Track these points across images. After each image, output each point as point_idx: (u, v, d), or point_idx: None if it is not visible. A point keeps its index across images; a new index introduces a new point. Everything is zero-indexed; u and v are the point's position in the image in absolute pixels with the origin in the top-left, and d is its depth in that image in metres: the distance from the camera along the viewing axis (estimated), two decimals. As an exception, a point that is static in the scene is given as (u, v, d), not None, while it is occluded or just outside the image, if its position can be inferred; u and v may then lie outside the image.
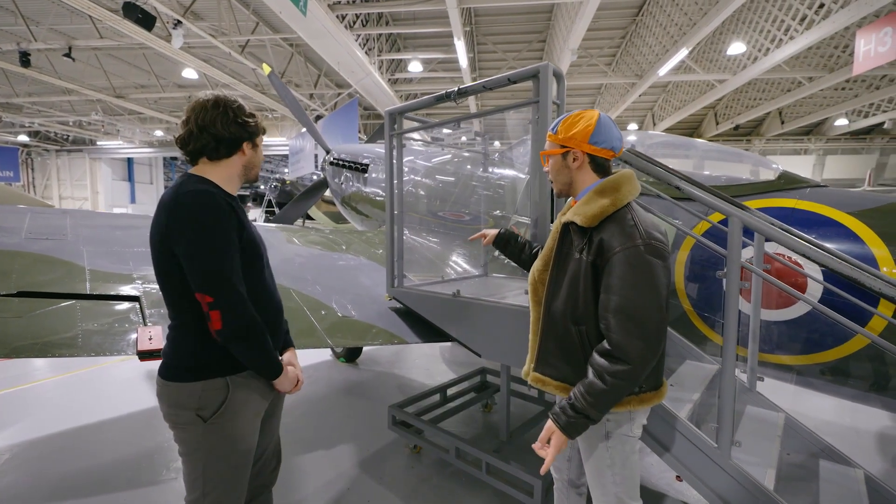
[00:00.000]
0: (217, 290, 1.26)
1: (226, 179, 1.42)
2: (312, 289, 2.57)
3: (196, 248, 1.25)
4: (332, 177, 5.72)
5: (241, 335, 1.30)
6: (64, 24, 9.59)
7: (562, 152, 1.39)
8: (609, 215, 1.29)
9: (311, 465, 2.80)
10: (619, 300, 1.21)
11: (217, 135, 1.37)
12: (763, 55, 9.03)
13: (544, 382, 1.42)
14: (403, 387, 4.16)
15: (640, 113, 16.79)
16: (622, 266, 1.22)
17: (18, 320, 1.64)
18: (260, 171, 1.56)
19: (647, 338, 1.21)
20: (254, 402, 1.42)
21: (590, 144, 1.36)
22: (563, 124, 1.39)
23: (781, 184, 2.46)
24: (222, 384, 1.34)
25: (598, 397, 1.22)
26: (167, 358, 1.38)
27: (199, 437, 1.34)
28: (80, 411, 3.52)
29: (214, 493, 1.37)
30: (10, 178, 18.06)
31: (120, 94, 13.73)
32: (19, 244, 2.13)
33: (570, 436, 1.26)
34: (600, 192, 1.33)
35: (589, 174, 1.39)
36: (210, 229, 1.26)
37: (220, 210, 1.29)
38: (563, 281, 1.35)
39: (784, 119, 15.68)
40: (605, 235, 1.26)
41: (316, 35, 8.22)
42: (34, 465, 2.82)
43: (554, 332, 1.38)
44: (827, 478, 1.91)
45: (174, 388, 1.34)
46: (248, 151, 1.45)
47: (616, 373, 1.20)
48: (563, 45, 9.00)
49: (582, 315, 1.31)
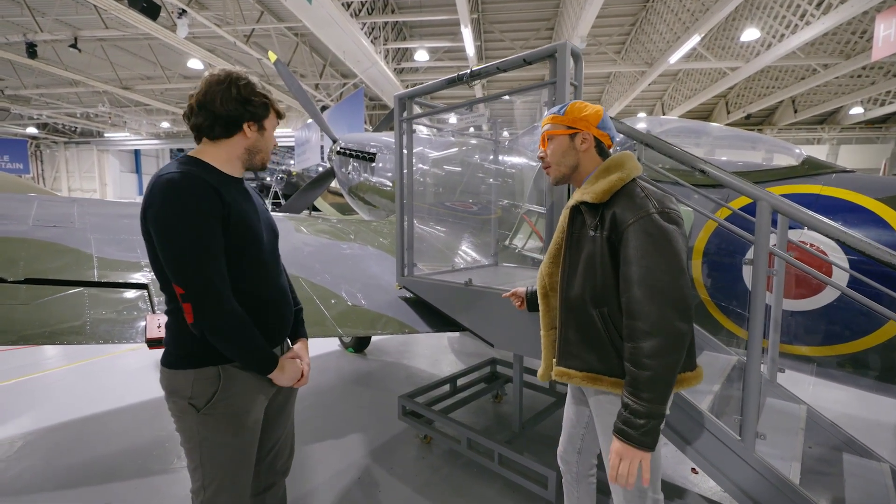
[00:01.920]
0: (187, 282, 1.17)
1: (225, 162, 1.33)
2: (322, 278, 2.54)
3: (166, 236, 1.17)
4: (338, 166, 5.67)
5: (214, 330, 1.22)
6: (69, 15, 9.54)
7: (570, 133, 1.37)
8: (618, 190, 1.27)
9: (321, 455, 2.78)
10: (641, 270, 1.16)
11: (215, 112, 1.26)
12: (777, 41, 8.81)
13: (570, 375, 1.35)
14: (412, 377, 4.14)
15: (649, 102, 16.53)
16: (638, 236, 1.18)
17: (26, 307, 1.61)
18: (269, 158, 1.45)
19: (676, 304, 1.14)
20: (251, 392, 1.35)
21: (598, 128, 1.36)
22: (572, 107, 1.38)
23: (805, 169, 2.37)
24: (214, 373, 1.28)
25: (651, 388, 1.12)
26: (165, 344, 1.34)
27: (194, 427, 1.30)
28: (91, 400, 3.53)
29: (214, 483, 1.33)
30: (20, 170, 18.21)
31: (126, 86, 13.71)
32: (27, 232, 2.10)
33: (650, 447, 1.14)
34: (606, 170, 1.32)
35: (594, 158, 1.38)
36: (181, 215, 1.16)
37: (195, 194, 1.17)
38: (578, 265, 1.32)
39: (797, 108, 15.37)
40: (618, 209, 1.24)
41: (321, 23, 8.11)
42: (47, 452, 2.83)
43: (574, 320, 1.33)
44: (852, 471, 1.85)
45: (169, 375, 1.30)
46: (252, 134, 1.33)
47: (654, 350, 1.12)
48: (572, 32, 8.82)
49: (601, 296, 1.27)
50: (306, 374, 1.47)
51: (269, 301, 1.39)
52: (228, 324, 1.23)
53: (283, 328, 1.47)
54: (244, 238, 1.29)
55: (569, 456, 1.64)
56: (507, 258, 3.26)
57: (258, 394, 1.38)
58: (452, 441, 2.67)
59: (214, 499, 1.33)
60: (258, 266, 1.35)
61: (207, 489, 1.32)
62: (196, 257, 1.17)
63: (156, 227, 1.17)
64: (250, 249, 1.32)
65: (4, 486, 2.47)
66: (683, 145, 3.01)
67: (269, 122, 1.37)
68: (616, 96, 14.39)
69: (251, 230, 1.32)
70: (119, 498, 2.34)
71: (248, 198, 1.38)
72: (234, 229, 1.25)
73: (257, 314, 1.32)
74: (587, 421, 1.56)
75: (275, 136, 1.44)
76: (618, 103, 14.08)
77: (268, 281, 1.39)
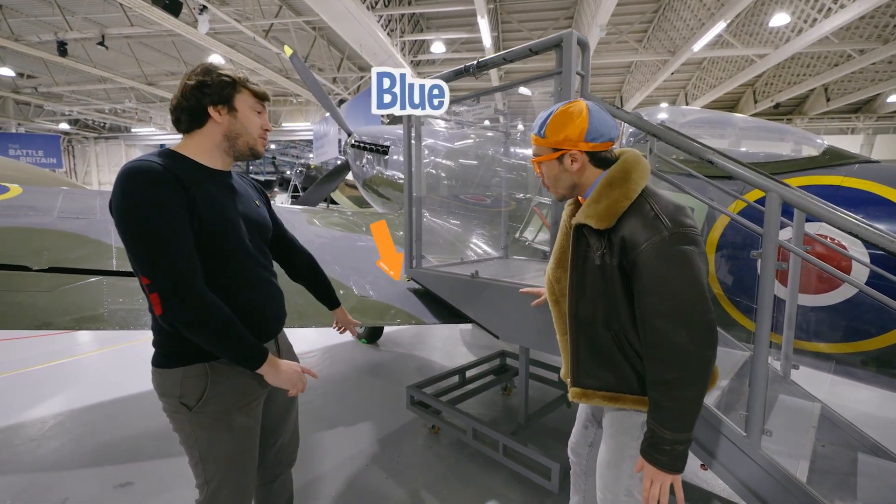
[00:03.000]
0: (150, 270, 1.11)
1: (202, 153, 1.27)
2: (331, 269, 2.57)
3: (126, 225, 1.12)
4: (353, 159, 5.72)
5: (186, 319, 1.13)
6: (97, 13, 9.85)
7: (556, 156, 1.22)
8: (625, 210, 1.14)
9: (331, 442, 2.85)
10: (660, 300, 1.07)
11: (179, 105, 1.24)
12: (809, 26, 8.41)
13: (588, 396, 1.28)
14: (423, 368, 4.18)
15: (672, 92, 16.07)
16: (653, 262, 1.08)
17: (49, 294, 1.70)
18: (263, 145, 1.35)
19: (701, 332, 1.06)
20: (244, 388, 1.30)
21: (587, 142, 1.19)
22: (551, 125, 1.21)
23: (826, 160, 2.29)
24: (202, 371, 1.24)
25: (679, 419, 1.08)
26: (153, 342, 1.29)
27: (188, 426, 1.26)
28: (117, 384, 3.70)
29: (216, 479, 1.31)
30: (54, 164, 18.91)
31: (151, 82, 14.10)
32: (51, 223, 2.20)
33: (679, 470, 1.11)
34: (609, 186, 1.18)
35: (592, 171, 1.23)
36: (135, 203, 1.10)
37: (151, 182, 1.11)
38: (585, 287, 1.22)
39: (830, 96, 14.67)
40: (626, 232, 1.12)
41: (338, 17, 8.16)
42: (76, 432, 2.99)
43: (586, 340, 1.26)
44: (867, 472, 1.80)
45: (157, 375, 1.27)
46: (223, 117, 1.25)
47: (681, 382, 1.06)
48: (592, 21, 8.63)
49: (613, 317, 1.19)
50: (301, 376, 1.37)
51: (249, 297, 1.31)
52: (200, 311, 1.14)
53: (266, 325, 1.38)
54: (215, 230, 1.22)
55: (580, 448, 1.61)
56: (519, 251, 3.25)
57: (253, 388, 1.33)
58: (459, 431, 2.70)
59: (217, 493, 1.31)
60: (234, 260, 1.28)
61: (210, 484, 1.31)
62: (157, 244, 1.11)
63: (115, 216, 1.13)
64: (223, 242, 1.25)
65: (36, 462, 2.62)
66: (704, 136, 2.93)
67: (240, 101, 1.27)
68: (637, 86, 14.02)
69: (223, 222, 1.24)
70: (139, 477, 2.47)
71: (228, 190, 1.32)
72: (202, 221, 1.18)
73: (237, 312, 1.23)
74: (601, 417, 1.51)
75: (261, 118, 1.33)
76: (639, 93, 13.72)
77: (246, 275, 1.31)
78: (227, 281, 1.25)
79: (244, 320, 1.25)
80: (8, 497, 2.29)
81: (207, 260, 1.20)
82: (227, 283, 1.25)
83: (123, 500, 2.29)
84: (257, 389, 1.36)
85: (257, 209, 1.43)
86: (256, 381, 1.33)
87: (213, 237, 1.22)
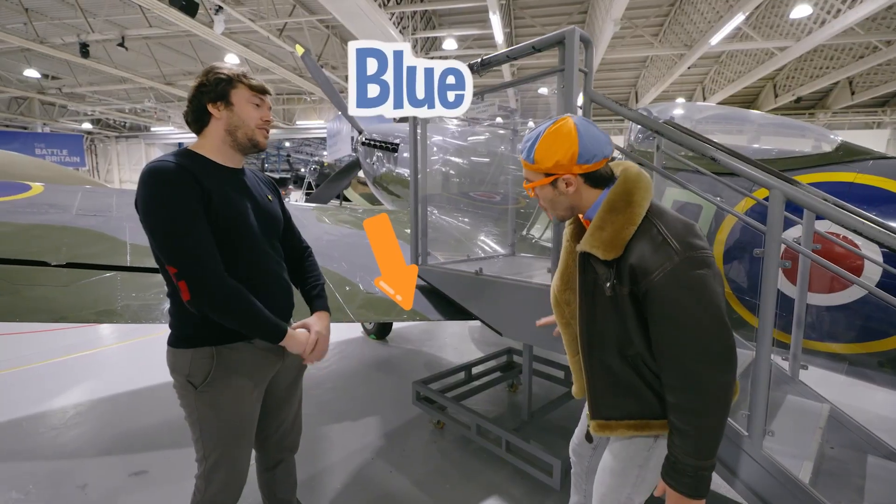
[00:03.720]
0: (177, 260, 1.22)
1: (214, 150, 1.38)
2: (338, 265, 2.62)
3: (151, 220, 1.24)
4: (364, 157, 5.77)
5: (213, 302, 1.25)
6: (117, 15, 10.09)
7: (549, 181, 1.16)
8: (632, 236, 1.08)
9: (338, 435, 2.91)
10: (674, 330, 1.03)
11: (187, 108, 1.36)
12: (833, 17, 8.15)
13: (611, 427, 1.22)
14: (431, 364, 4.22)
15: (688, 87, 15.74)
16: (667, 291, 1.03)
17: (66, 289, 1.77)
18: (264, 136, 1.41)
19: (720, 358, 1.02)
20: (245, 373, 1.40)
21: (580, 165, 1.12)
22: (540, 150, 1.14)
23: (840, 156, 2.23)
24: (209, 354, 1.34)
25: (702, 447, 1.04)
26: (169, 324, 1.41)
27: (192, 404, 1.37)
28: (136, 376, 3.82)
29: (212, 456, 1.41)
30: (77, 163, 19.47)
31: (169, 81, 14.38)
32: (70, 220, 2.29)
33: (703, 495, 1.07)
34: (611, 211, 1.11)
35: (590, 192, 1.16)
36: (159, 200, 1.22)
37: (170, 181, 1.23)
38: (596, 315, 1.18)
39: (855, 89, 14.20)
40: (635, 260, 1.06)
41: (350, 15, 8.19)
42: (94, 421, 3.10)
43: (601, 368, 1.20)
44: (876, 475, 1.77)
45: (171, 354, 1.38)
46: (221, 112, 1.34)
47: (703, 410, 1.03)
48: (606, 15, 8.50)
49: (629, 345, 1.14)
50: (321, 345, 1.47)
51: (261, 287, 1.39)
52: (225, 294, 1.25)
53: (278, 314, 1.44)
54: (228, 224, 1.32)
55: (583, 449, 1.58)
56: (527, 248, 3.25)
57: (254, 374, 1.43)
58: (463, 427, 2.72)
59: (214, 468, 1.42)
60: (246, 252, 1.37)
61: (208, 459, 1.42)
62: (183, 235, 1.22)
63: (140, 212, 1.25)
64: (235, 235, 1.34)
65: (58, 449, 2.74)
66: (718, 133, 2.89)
67: (236, 96, 1.35)
68: (653, 81, 13.77)
69: (236, 217, 1.34)
70: (155, 466, 2.55)
71: (241, 186, 1.41)
72: (216, 215, 1.28)
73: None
74: None
75: (260, 110, 1.39)
76: (654, 88, 13.48)
77: (258, 267, 1.41)
78: (238, 272, 1.33)
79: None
80: (31, 483, 2.40)
81: (221, 251, 1.30)
82: (239, 274, 1.33)
83: (138, 487, 2.38)
84: (260, 372, 1.45)
85: (269, 204, 1.52)
86: (259, 367, 1.43)
87: (227, 231, 1.32)
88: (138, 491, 2.35)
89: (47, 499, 2.28)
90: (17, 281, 1.73)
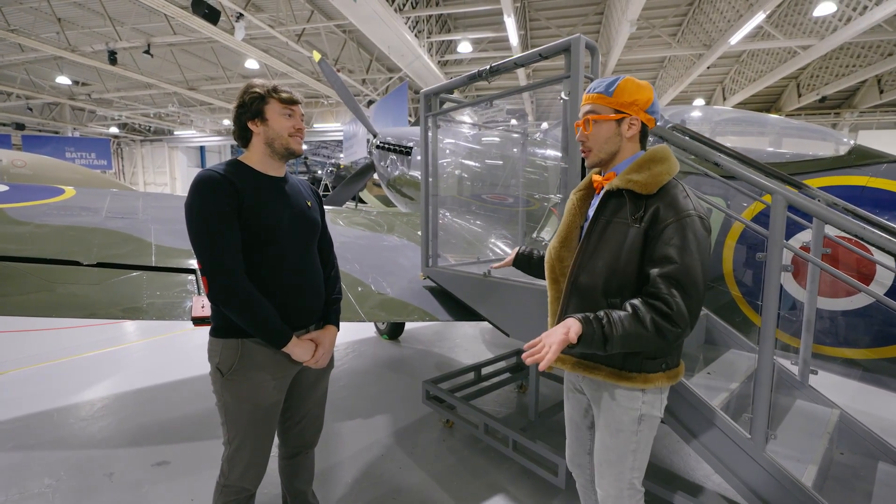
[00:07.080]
0: (202, 258, 1.39)
1: (258, 161, 1.52)
2: (351, 267, 2.70)
3: (187, 221, 1.39)
4: (378, 160, 5.87)
5: (225, 301, 1.39)
6: (143, 23, 10.47)
7: (617, 118, 1.28)
8: (664, 184, 1.24)
9: (349, 432, 2.99)
10: (680, 268, 1.15)
11: (233, 127, 1.54)
12: (858, 14, 7.94)
13: (563, 360, 1.36)
14: (442, 364, 4.27)
15: (707, 87, 15.46)
16: (682, 234, 1.17)
17: (97, 287, 1.89)
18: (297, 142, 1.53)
19: (699, 305, 1.17)
20: (265, 368, 1.49)
21: (647, 113, 1.29)
22: (621, 87, 1.26)
23: (852, 159, 2.21)
24: (235, 345, 1.46)
25: (630, 338, 1.14)
26: (211, 318, 1.54)
27: (220, 389, 1.50)
28: (160, 371, 3.98)
29: (236, 440, 1.53)
30: (104, 166, 20.16)
31: (192, 87, 14.83)
32: (100, 222, 2.43)
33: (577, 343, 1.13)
34: (651, 160, 1.26)
35: (635, 144, 1.32)
36: (198, 206, 1.38)
37: (210, 190, 1.38)
38: (598, 252, 1.28)
39: (883, 88, 13.75)
40: (662, 204, 1.20)
41: (366, 20, 8.34)
42: (120, 413, 3.25)
43: (576, 305, 1.30)
44: (885, 481, 1.75)
45: (209, 342, 1.52)
46: (259, 128, 1.48)
47: (665, 331, 1.13)
48: (622, 16, 8.44)
49: (617, 288, 1.24)
50: (318, 356, 1.57)
51: (288, 287, 1.52)
52: (236, 295, 1.39)
53: (304, 313, 1.59)
54: (258, 228, 1.44)
55: (580, 459, 1.58)
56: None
57: (274, 370, 1.52)
58: (471, 426, 2.77)
59: (238, 451, 1.54)
60: (277, 253, 1.49)
61: (233, 442, 1.54)
62: (208, 238, 1.37)
63: (186, 215, 1.40)
64: (267, 238, 1.46)
65: (87, 439, 2.89)
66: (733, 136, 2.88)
67: (270, 111, 1.48)
68: (671, 82, 13.57)
69: (267, 222, 1.46)
70: (176, 457, 2.67)
71: (279, 192, 1.53)
72: (248, 220, 1.42)
73: (275, 298, 1.47)
74: (592, 418, 1.49)
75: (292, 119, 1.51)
76: (672, 89, 13.28)
77: (287, 268, 1.52)
78: (266, 272, 1.47)
79: (282, 306, 1.47)
80: (62, 469, 2.54)
81: (251, 253, 1.44)
82: (266, 274, 1.47)
83: (161, 477, 2.50)
84: (282, 367, 1.54)
85: (308, 209, 1.63)
86: (280, 364, 1.53)
87: (257, 234, 1.45)
88: (161, 481, 2.46)
89: (77, 486, 2.41)
90: (53, 279, 1.86)
